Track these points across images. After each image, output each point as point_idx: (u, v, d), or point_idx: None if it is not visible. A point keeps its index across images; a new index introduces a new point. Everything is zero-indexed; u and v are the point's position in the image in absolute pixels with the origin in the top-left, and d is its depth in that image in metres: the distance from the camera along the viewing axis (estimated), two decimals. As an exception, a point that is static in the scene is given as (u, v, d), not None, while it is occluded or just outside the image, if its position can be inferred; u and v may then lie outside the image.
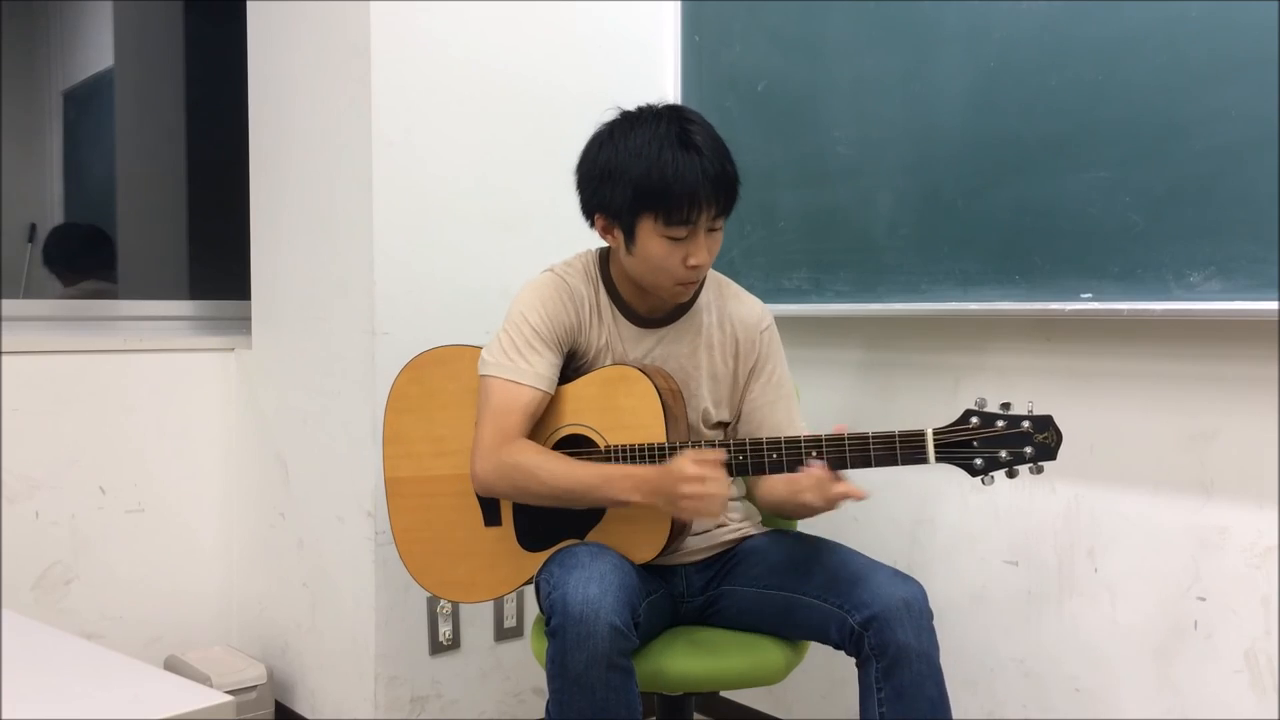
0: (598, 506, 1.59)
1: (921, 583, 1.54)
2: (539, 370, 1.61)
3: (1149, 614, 1.78)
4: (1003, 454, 1.42)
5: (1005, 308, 1.84)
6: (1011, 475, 1.43)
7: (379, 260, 2.11)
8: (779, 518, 1.82)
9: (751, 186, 1.66)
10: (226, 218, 2.67)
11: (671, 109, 1.59)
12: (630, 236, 1.57)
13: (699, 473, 1.45)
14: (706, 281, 1.73)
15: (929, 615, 1.49)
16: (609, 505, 1.57)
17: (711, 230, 1.58)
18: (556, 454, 1.61)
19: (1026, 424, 1.42)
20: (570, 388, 1.65)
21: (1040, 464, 1.42)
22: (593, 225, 1.64)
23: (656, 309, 1.69)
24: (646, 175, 1.52)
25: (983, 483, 1.44)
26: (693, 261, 1.56)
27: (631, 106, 1.62)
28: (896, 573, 1.53)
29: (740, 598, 1.67)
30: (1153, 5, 1.65)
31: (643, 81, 2.44)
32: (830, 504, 1.48)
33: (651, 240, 1.55)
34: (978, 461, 1.43)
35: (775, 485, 1.57)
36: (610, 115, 1.63)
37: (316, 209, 2.28)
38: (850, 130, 2.07)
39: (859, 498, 1.47)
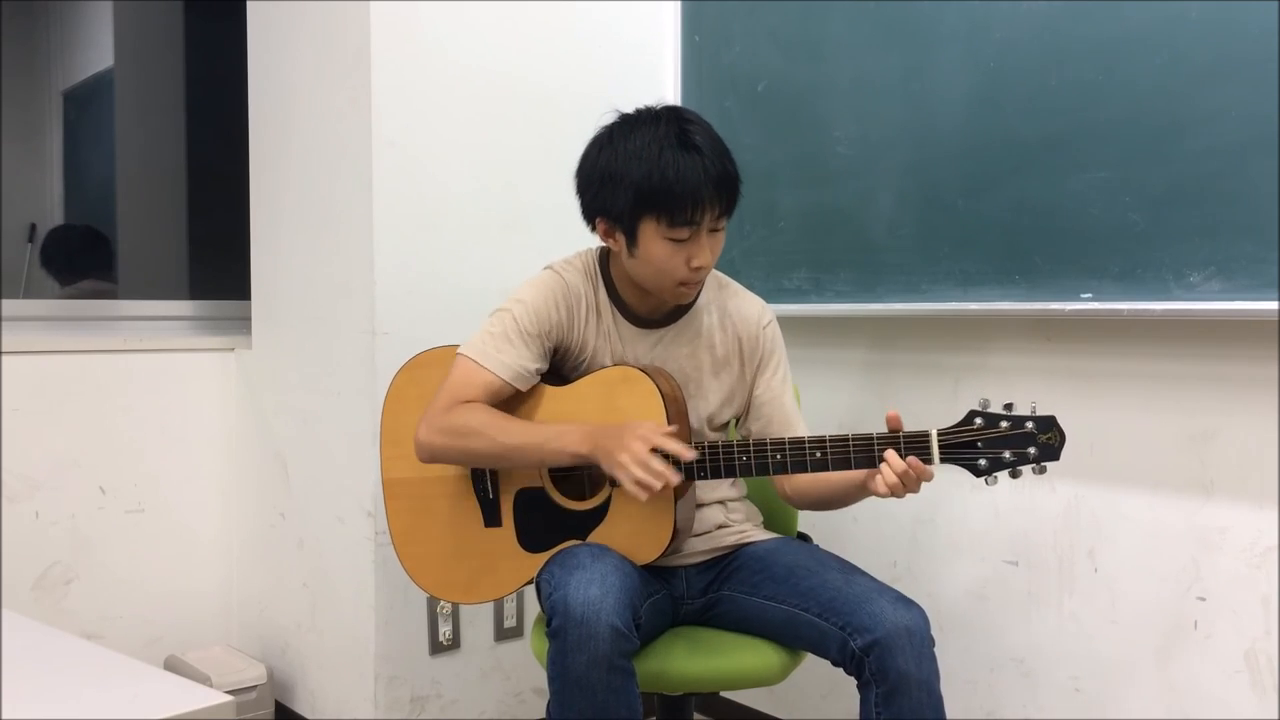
0: (550, 464, 1.58)
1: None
2: (507, 360, 1.61)
3: (1149, 614, 1.78)
4: (1007, 454, 1.43)
5: (1005, 308, 1.84)
6: (1015, 475, 1.44)
7: (379, 260, 2.11)
8: (813, 509, 1.77)
9: (751, 186, 1.66)
10: (226, 218, 2.67)
11: (670, 110, 1.59)
12: (632, 239, 1.57)
13: (644, 459, 1.45)
14: (706, 281, 1.73)
15: (930, 643, 1.48)
16: (560, 459, 1.55)
17: (714, 231, 1.57)
18: (510, 415, 1.60)
19: (1030, 425, 1.42)
20: (571, 388, 1.65)
21: (1044, 465, 1.42)
22: (594, 230, 1.64)
23: (656, 309, 1.69)
24: (648, 177, 1.51)
25: (986, 483, 1.45)
26: (696, 263, 1.56)
27: (630, 108, 1.62)
28: (900, 597, 1.51)
29: (741, 605, 1.66)
30: (1153, 5, 1.65)
31: (643, 82, 2.44)
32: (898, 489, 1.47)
33: (654, 243, 1.55)
34: (982, 462, 1.44)
35: (833, 477, 1.57)
36: (609, 118, 1.62)
37: (316, 209, 2.27)
38: (850, 130, 2.07)
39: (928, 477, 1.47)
